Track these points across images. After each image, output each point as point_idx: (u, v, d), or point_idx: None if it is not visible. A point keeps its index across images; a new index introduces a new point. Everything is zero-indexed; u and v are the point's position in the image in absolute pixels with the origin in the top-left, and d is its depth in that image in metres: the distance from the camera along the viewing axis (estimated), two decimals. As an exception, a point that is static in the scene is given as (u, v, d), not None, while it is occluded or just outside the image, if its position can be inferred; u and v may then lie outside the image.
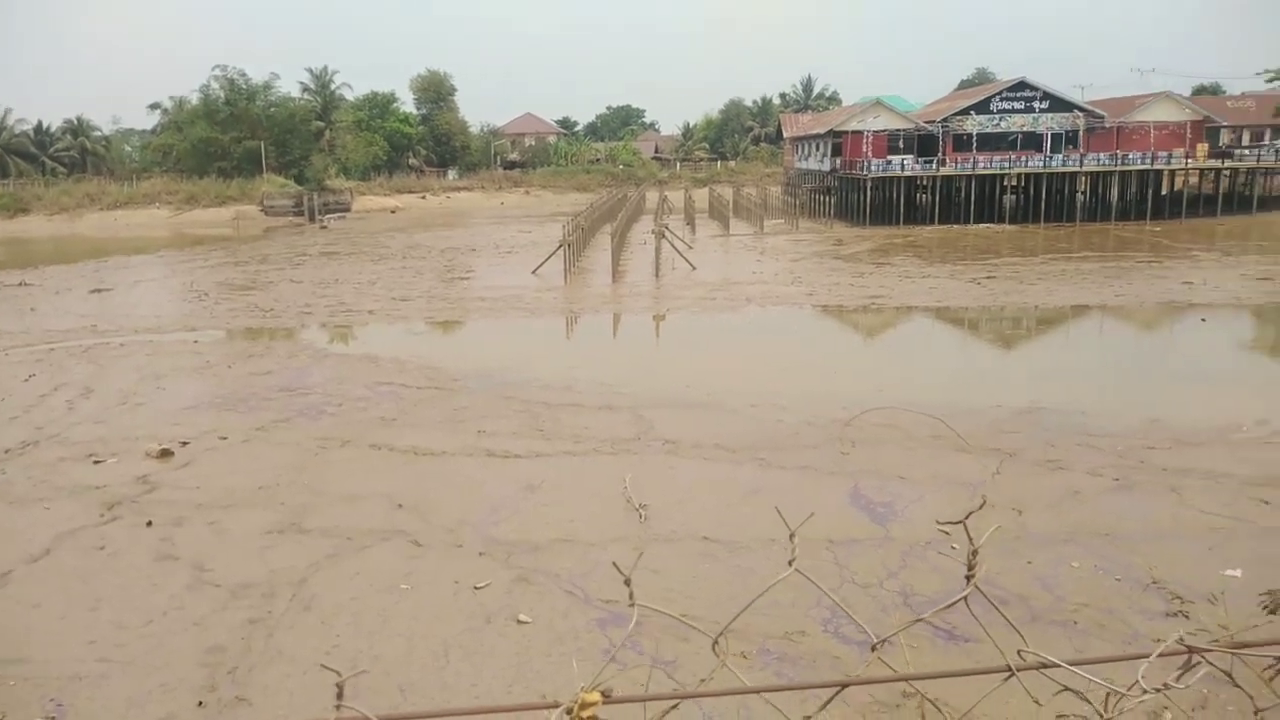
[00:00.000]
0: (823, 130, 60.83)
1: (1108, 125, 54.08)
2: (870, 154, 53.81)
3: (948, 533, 9.93)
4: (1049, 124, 54.22)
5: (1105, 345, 22.62)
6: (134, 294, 32.44)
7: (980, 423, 14.24)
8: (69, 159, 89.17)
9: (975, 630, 7.19)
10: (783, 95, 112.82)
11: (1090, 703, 1.80)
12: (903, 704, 6.90)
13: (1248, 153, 57.24)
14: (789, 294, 28.49)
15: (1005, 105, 54.56)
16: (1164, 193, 51.98)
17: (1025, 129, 54.23)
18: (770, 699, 1.82)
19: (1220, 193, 51.39)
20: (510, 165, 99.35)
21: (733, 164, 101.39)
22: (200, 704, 7.35)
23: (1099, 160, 51.46)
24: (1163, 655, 1.75)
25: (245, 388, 17.84)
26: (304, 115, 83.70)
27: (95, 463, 13.33)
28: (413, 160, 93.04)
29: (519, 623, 8.49)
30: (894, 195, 51.61)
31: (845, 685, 1.61)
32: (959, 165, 51.61)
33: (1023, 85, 54.84)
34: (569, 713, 1.38)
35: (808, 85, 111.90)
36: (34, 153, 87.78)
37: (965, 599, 1.70)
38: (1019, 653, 1.69)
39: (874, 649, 1.73)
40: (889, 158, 53.25)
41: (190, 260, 43.86)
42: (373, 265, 39.19)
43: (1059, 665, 1.63)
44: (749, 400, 15.83)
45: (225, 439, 14.34)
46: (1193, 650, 1.76)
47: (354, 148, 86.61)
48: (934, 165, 51.94)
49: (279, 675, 7.71)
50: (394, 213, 75.47)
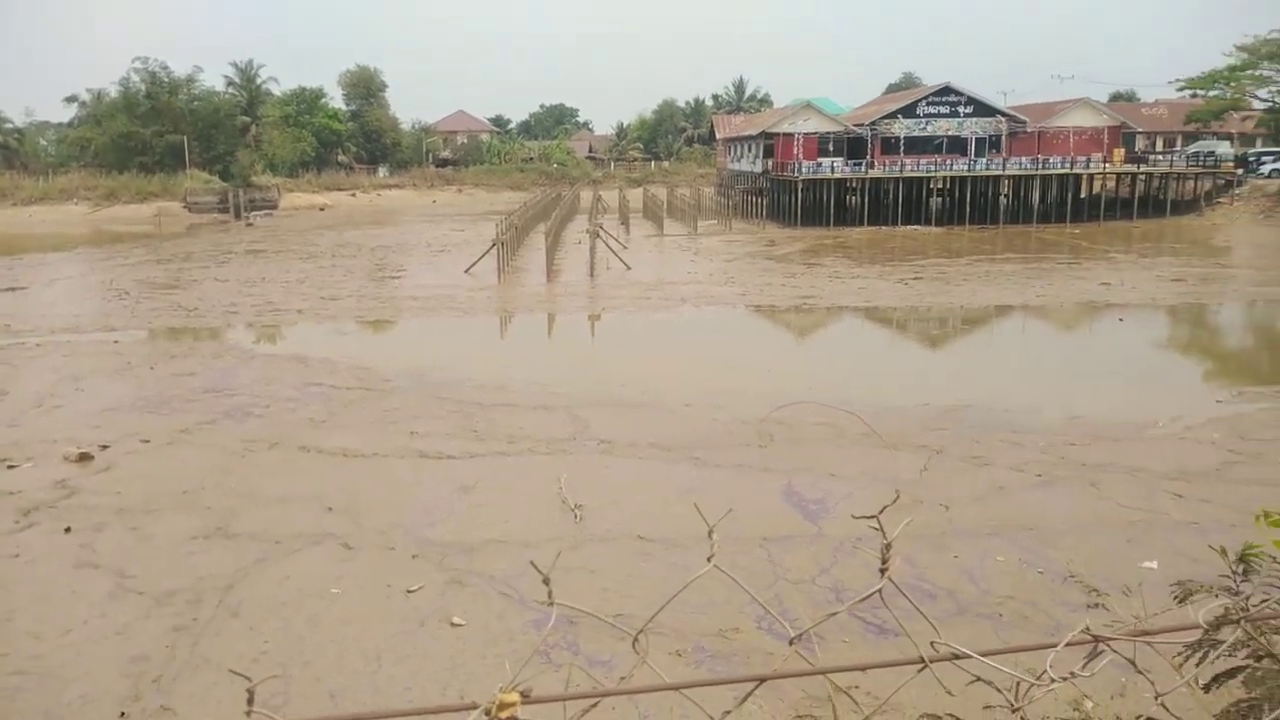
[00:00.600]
0: (755, 132, 61.45)
1: (1029, 130, 55.65)
2: (801, 156, 54.55)
3: (875, 528, 10.11)
4: (973, 128, 55.59)
5: (1027, 344, 23.27)
6: (50, 293, 31.32)
7: (908, 420, 14.56)
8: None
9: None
10: (715, 96, 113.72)
11: (1001, 692, 1.88)
12: (835, 697, 7.02)
13: (1161, 158, 59.45)
14: (723, 294, 28.74)
15: (931, 110, 55.79)
16: (1083, 196, 53.65)
17: (950, 133, 55.52)
18: (694, 695, 1.86)
19: (1136, 196, 53.25)
20: (443, 163, 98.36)
21: (667, 164, 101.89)
22: (123, 715, 7.16)
23: (1021, 164, 52.93)
24: (1070, 645, 1.83)
25: (168, 389, 17.35)
26: (229, 110, 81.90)
27: (9, 467, 12.86)
28: (342, 157, 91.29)
29: (453, 625, 8.43)
30: (824, 197, 52.37)
31: (762, 680, 1.65)
32: (887, 168, 52.62)
33: (948, 90, 56.15)
34: (487, 713, 1.39)
35: (740, 87, 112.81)
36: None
37: (879, 592, 1.76)
38: (932, 644, 1.76)
39: (792, 643, 1.78)
40: (819, 160, 54.06)
41: (110, 258, 42.51)
42: (301, 263, 38.46)
43: (970, 656, 1.69)
44: (684, 399, 15.94)
45: (147, 442, 13.93)
46: (1098, 639, 1.85)
47: (281, 144, 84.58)
48: (863, 168, 52.87)
49: (205, 683, 7.54)
50: (323, 210, 74.19)
